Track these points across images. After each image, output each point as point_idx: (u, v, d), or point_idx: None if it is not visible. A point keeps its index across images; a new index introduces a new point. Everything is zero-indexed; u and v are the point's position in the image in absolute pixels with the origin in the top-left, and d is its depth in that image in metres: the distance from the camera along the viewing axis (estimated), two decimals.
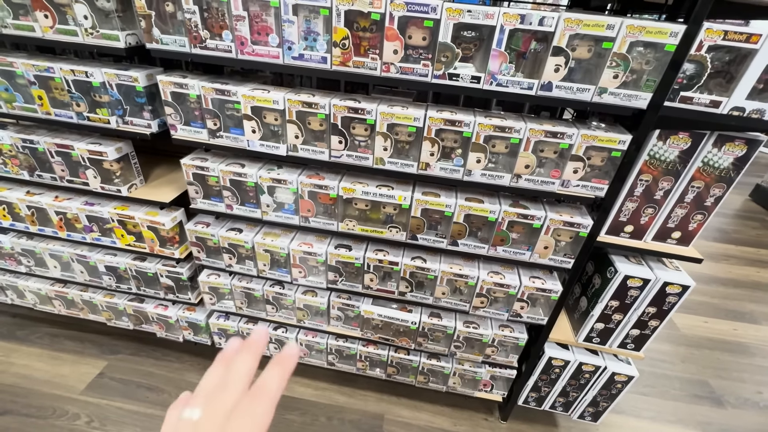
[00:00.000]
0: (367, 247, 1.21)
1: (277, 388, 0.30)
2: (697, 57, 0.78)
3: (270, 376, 0.31)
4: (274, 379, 0.31)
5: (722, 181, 0.96)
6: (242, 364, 0.31)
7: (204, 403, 0.29)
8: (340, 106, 0.94)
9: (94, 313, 1.62)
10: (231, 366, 0.31)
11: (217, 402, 0.29)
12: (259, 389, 0.30)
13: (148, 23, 0.92)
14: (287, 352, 0.32)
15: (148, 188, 1.28)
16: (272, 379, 0.31)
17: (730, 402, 1.71)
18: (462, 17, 0.80)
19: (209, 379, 0.31)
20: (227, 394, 0.29)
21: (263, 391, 0.30)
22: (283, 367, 0.31)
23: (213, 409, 0.29)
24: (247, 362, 0.31)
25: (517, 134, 0.91)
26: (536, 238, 1.05)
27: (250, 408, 0.29)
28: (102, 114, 1.09)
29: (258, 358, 0.32)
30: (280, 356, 0.32)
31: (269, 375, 0.31)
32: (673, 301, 1.10)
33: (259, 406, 0.29)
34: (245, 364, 0.31)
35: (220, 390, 0.30)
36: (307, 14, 0.87)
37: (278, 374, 0.31)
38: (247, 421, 0.28)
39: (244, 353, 0.32)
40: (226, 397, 0.29)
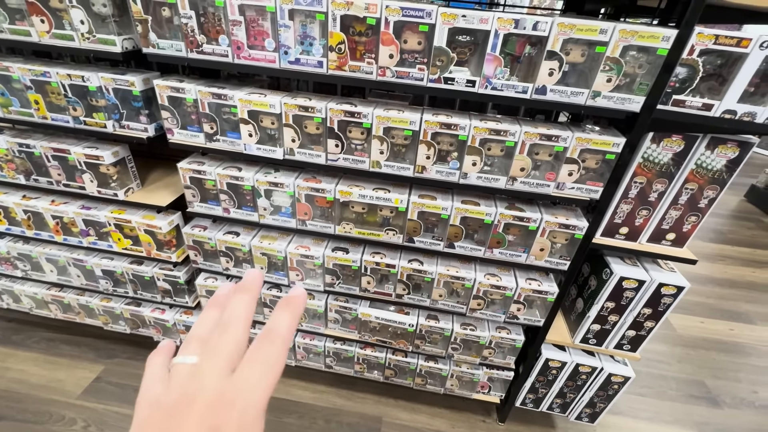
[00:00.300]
0: (364, 250, 1.22)
1: (288, 330, 0.27)
2: (689, 61, 0.79)
3: (279, 318, 0.27)
4: (284, 320, 0.27)
5: (715, 183, 0.97)
6: (239, 305, 0.27)
7: (200, 348, 0.25)
8: (336, 110, 0.95)
9: (90, 318, 1.61)
10: (227, 308, 0.27)
11: (217, 346, 0.25)
12: (268, 331, 0.26)
13: (144, 28, 0.93)
14: (295, 293, 0.29)
15: (144, 192, 1.28)
16: (282, 320, 0.27)
17: (726, 402, 1.72)
18: (457, 22, 0.80)
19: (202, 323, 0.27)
20: (227, 337, 0.25)
21: (274, 333, 0.26)
22: (292, 308, 0.28)
23: (213, 353, 0.25)
24: (243, 303, 0.27)
25: (512, 137, 0.91)
26: (532, 240, 1.06)
27: (261, 351, 0.25)
28: (99, 118, 1.09)
29: (255, 299, 0.28)
30: (287, 298, 0.28)
31: (278, 317, 0.27)
32: (668, 302, 1.11)
33: (270, 349, 0.25)
34: (242, 305, 0.27)
35: (217, 333, 0.26)
36: (303, 19, 0.88)
37: (288, 316, 0.27)
38: (258, 366, 0.24)
39: (240, 294, 0.28)
40: (226, 340, 0.25)
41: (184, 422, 0.22)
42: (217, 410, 0.22)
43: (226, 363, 0.24)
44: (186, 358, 0.25)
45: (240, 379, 0.23)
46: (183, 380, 0.24)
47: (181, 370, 0.24)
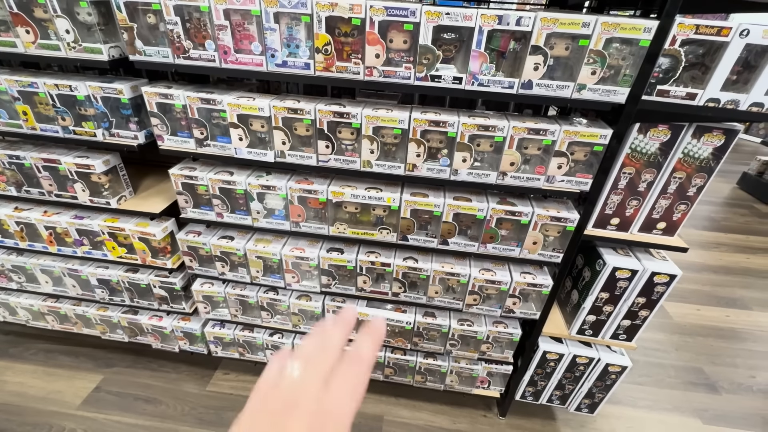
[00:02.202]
0: (359, 250, 1.22)
1: (371, 355, 0.31)
2: (672, 51, 0.80)
3: (363, 345, 0.32)
4: (367, 347, 0.32)
5: (703, 171, 0.98)
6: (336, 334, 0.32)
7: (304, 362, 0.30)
8: (325, 111, 0.95)
9: (88, 327, 1.61)
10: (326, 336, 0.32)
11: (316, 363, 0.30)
12: (355, 355, 0.31)
13: (130, 35, 0.93)
14: (376, 325, 0.33)
15: (137, 199, 1.28)
16: (366, 347, 0.32)
17: (724, 387, 1.74)
18: (441, 20, 0.81)
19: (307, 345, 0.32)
20: (325, 357, 0.30)
21: (359, 357, 0.31)
22: (373, 337, 0.32)
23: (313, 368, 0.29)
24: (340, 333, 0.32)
25: (501, 132, 0.92)
26: (525, 234, 1.07)
27: (349, 371, 0.30)
28: (88, 127, 1.09)
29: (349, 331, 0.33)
30: (369, 328, 0.33)
31: (363, 343, 0.32)
32: (661, 291, 1.12)
33: (356, 369, 0.30)
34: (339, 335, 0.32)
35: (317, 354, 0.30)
36: (289, 21, 0.88)
37: (371, 343, 0.32)
38: (347, 383, 0.29)
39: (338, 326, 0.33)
40: (324, 360, 0.30)
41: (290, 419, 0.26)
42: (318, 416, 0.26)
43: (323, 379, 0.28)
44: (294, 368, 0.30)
45: (334, 393, 0.28)
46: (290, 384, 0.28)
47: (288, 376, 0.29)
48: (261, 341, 1.48)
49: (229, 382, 1.63)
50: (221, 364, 1.69)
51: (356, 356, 0.31)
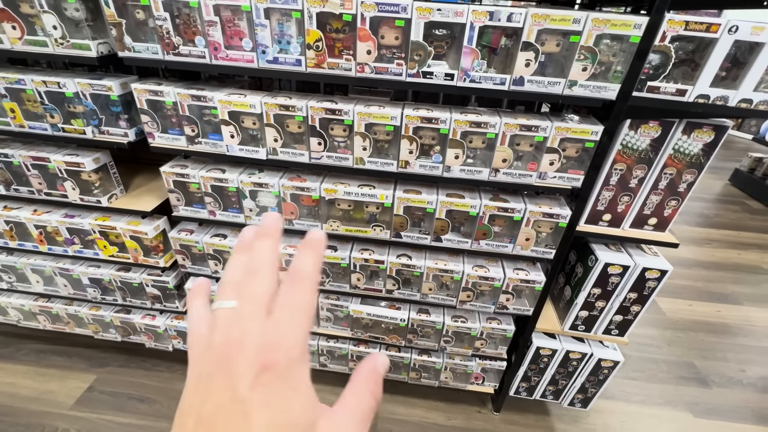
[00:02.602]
0: (352, 247, 1.22)
1: (314, 271, 0.27)
2: (662, 47, 0.81)
3: (304, 260, 0.27)
4: (308, 261, 0.27)
5: (693, 167, 0.99)
6: (265, 249, 0.28)
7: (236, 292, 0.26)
8: (317, 108, 0.95)
9: (80, 327, 1.60)
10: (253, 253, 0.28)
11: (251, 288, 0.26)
12: (296, 273, 0.27)
13: (119, 31, 0.92)
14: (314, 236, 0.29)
15: (128, 198, 1.26)
16: (307, 262, 0.27)
17: (715, 381, 1.76)
18: (432, 16, 0.81)
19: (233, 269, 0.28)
20: (259, 280, 0.26)
21: (302, 275, 0.26)
22: (314, 249, 0.28)
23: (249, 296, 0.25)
24: (268, 246, 0.28)
25: (493, 129, 0.92)
26: (517, 231, 1.07)
27: (293, 292, 0.26)
28: (77, 125, 1.07)
29: (279, 241, 0.29)
30: (306, 241, 0.28)
31: (302, 259, 0.27)
32: (652, 286, 1.13)
33: (301, 290, 0.26)
34: (268, 248, 0.28)
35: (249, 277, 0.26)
36: (280, 17, 0.87)
37: (312, 257, 0.27)
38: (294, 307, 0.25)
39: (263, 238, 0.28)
40: (259, 283, 0.26)
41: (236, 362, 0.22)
42: (265, 350, 0.22)
43: (263, 306, 0.24)
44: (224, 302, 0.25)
45: (279, 321, 0.24)
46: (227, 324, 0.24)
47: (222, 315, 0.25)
48: None
49: None
50: None
51: (297, 274, 0.26)
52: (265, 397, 0.21)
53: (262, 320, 0.24)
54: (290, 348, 0.23)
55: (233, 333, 0.23)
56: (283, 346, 0.23)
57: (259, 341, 0.23)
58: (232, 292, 0.26)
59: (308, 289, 0.26)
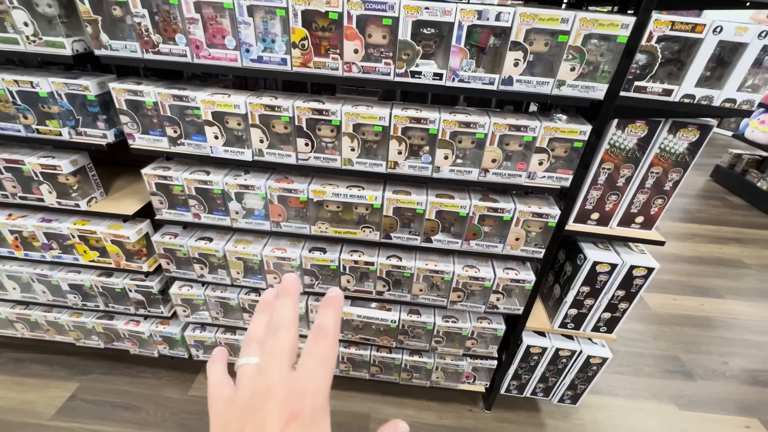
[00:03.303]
0: (341, 249, 1.20)
1: (335, 327, 0.29)
2: (648, 47, 0.81)
3: (325, 317, 0.29)
4: (329, 318, 0.29)
5: (679, 166, 1.00)
6: (285, 308, 0.29)
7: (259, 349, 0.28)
8: (303, 108, 0.93)
9: (60, 334, 1.55)
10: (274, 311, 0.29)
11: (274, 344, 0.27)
12: (318, 329, 0.28)
13: (95, 28, 0.88)
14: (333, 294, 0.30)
15: (109, 201, 1.22)
16: (328, 318, 0.29)
17: (699, 374, 1.80)
18: (420, 14, 0.79)
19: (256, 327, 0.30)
20: (282, 336, 0.27)
21: (323, 331, 0.28)
22: (334, 307, 0.30)
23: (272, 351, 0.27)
24: (289, 305, 0.30)
25: (482, 129, 0.91)
26: (507, 231, 1.07)
27: (317, 347, 0.27)
28: (53, 126, 1.03)
29: (297, 301, 0.30)
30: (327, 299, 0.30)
31: (324, 316, 0.29)
32: (639, 284, 1.14)
33: (324, 344, 0.27)
34: (288, 308, 0.29)
35: (271, 334, 0.28)
36: (263, 15, 0.85)
37: (332, 314, 0.29)
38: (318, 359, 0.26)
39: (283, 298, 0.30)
40: (282, 339, 0.27)
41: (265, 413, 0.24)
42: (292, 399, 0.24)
43: (287, 361, 0.26)
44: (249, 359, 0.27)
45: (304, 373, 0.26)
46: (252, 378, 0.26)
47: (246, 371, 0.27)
48: None
49: None
50: (203, 368, 1.65)
51: (319, 329, 0.28)
52: None
53: (287, 372, 0.26)
54: (315, 396, 0.25)
55: (259, 386, 0.25)
56: (308, 394, 0.25)
57: (286, 391, 0.25)
58: (256, 349, 0.28)
59: (330, 344, 0.28)
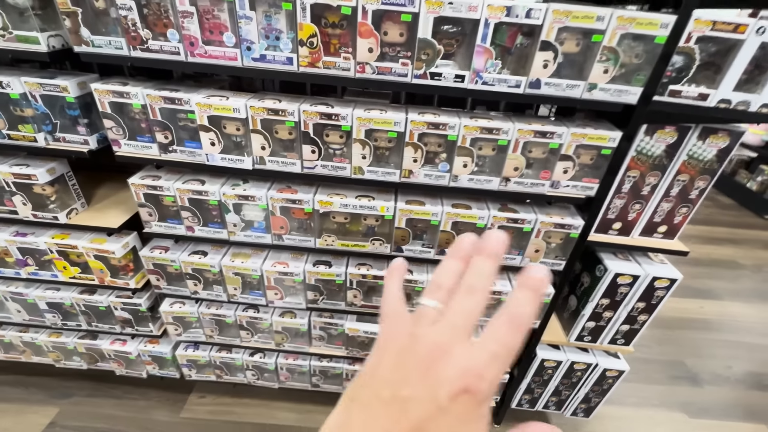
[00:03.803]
0: (348, 262, 1.12)
1: (530, 316, 0.25)
2: (686, 49, 0.75)
3: (523, 302, 0.25)
4: (527, 306, 0.25)
5: (706, 173, 0.95)
6: (487, 269, 0.26)
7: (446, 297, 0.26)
8: (311, 113, 0.84)
9: (38, 355, 1.42)
10: (472, 268, 0.26)
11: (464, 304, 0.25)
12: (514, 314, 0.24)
13: (74, 22, 0.78)
14: (536, 274, 0.26)
15: (91, 212, 1.11)
16: (526, 305, 0.25)
17: (705, 380, 1.78)
18: (443, 10, 0.72)
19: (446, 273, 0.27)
20: (475, 300, 0.25)
21: (519, 319, 0.24)
22: (535, 291, 0.25)
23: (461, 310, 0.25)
24: (489, 269, 0.26)
25: (505, 135, 0.85)
26: (526, 242, 1.00)
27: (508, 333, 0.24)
28: (26, 131, 0.92)
29: (498, 265, 0.27)
30: (527, 278, 0.25)
31: (522, 300, 0.25)
32: (661, 295, 1.09)
33: (515, 334, 0.24)
34: (488, 271, 0.26)
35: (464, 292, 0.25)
36: (267, 9, 0.76)
37: (531, 299, 0.25)
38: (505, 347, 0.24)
39: (487, 259, 0.27)
40: (474, 302, 0.25)
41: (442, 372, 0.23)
42: (471, 375, 0.22)
43: (471, 325, 0.24)
44: (432, 302, 0.26)
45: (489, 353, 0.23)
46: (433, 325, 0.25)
47: (429, 313, 0.25)
48: (240, 362, 1.35)
49: (205, 406, 1.49)
50: (196, 387, 1.55)
51: (515, 316, 0.24)
52: (459, 414, 0.22)
53: (469, 342, 0.24)
54: (491, 383, 0.23)
55: (441, 339, 0.24)
56: (486, 378, 0.23)
57: (467, 364, 0.23)
58: (444, 296, 0.26)
59: (520, 335, 0.24)
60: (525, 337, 0.26)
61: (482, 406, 0.22)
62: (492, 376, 0.23)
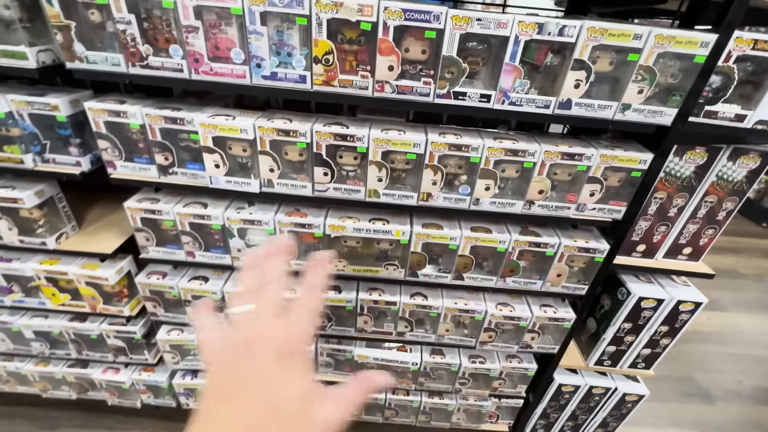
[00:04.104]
0: (359, 287, 1.06)
1: (322, 285, 0.32)
2: (725, 68, 0.71)
3: (313, 276, 0.32)
4: (317, 277, 0.32)
5: (735, 195, 0.91)
6: (275, 266, 0.32)
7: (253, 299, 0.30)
8: (324, 133, 0.79)
9: (23, 385, 1.33)
10: (263, 269, 0.32)
11: (267, 296, 0.30)
12: (308, 285, 0.31)
13: (67, 37, 0.71)
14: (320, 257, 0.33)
15: (83, 236, 1.04)
16: (316, 277, 0.32)
17: (717, 396, 1.75)
18: (470, 27, 0.67)
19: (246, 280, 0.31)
20: (274, 290, 0.30)
21: (312, 286, 0.31)
22: (321, 267, 0.33)
23: (266, 302, 0.29)
24: (279, 264, 0.32)
25: (531, 158, 0.80)
26: (548, 266, 0.96)
27: (305, 299, 0.30)
28: (12, 152, 0.85)
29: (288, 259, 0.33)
30: (315, 260, 0.33)
31: (312, 275, 0.32)
32: (685, 319, 1.05)
33: (312, 298, 0.31)
34: (278, 266, 0.32)
35: (263, 288, 0.30)
36: (279, 24, 0.71)
37: (320, 273, 0.32)
38: (306, 310, 0.30)
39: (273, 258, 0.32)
40: (274, 293, 0.30)
41: (260, 348, 0.27)
42: (285, 342, 0.27)
43: (277, 310, 0.29)
44: (242, 308, 0.29)
45: (293, 322, 0.29)
46: (247, 323, 0.29)
47: (240, 317, 0.29)
48: None
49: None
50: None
51: (308, 286, 0.31)
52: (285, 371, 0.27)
53: (279, 320, 0.29)
54: (303, 341, 0.28)
55: (255, 329, 0.28)
56: (297, 338, 0.28)
57: (277, 334, 0.28)
58: (250, 299, 0.30)
59: (317, 298, 0.31)
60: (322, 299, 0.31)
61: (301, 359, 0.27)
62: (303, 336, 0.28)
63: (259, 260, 0.32)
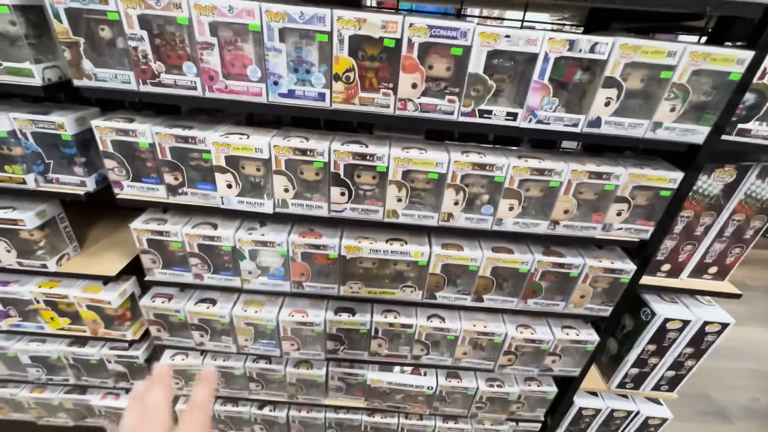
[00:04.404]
0: (373, 309, 1.02)
1: (206, 399, 0.34)
2: (759, 86, 0.69)
3: (197, 392, 0.34)
4: (201, 393, 0.34)
5: (763, 213, 0.88)
6: (156, 396, 0.33)
7: None
8: (342, 152, 0.75)
9: (17, 412, 1.27)
10: (145, 402, 0.33)
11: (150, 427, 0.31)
12: (191, 404, 0.34)
13: (75, 54, 0.68)
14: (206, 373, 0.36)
15: (85, 257, 0.99)
16: (199, 393, 0.34)
17: (735, 414, 1.70)
18: (498, 43, 0.65)
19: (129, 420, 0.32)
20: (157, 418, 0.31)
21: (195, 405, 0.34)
22: (206, 382, 0.36)
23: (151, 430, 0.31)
24: (159, 393, 0.33)
25: (558, 177, 0.77)
26: (571, 287, 0.92)
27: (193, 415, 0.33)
28: (14, 172, 0.81)
29: (168, 388, 0.34)
30: (201, 377, 0.36)
31: (196, 391, 0.34)
32: (711, 340, 1.02)
33: (200, 414, 0.33)
34: (159, 395, 0.33)
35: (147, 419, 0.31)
36: (298, 40, 0.68)
37: (204, 389, 0.35)
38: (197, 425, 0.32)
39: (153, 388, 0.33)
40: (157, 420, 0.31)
41: None
42: None
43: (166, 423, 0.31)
44: None
45: None
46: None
47: None
48: (249, 415, 1.22)
49: None
50: None
51: (193, 405, 0.34)
52: None
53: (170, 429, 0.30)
54: None
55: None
56: None
57: None
58: None
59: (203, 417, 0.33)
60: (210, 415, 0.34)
61: None
62: None
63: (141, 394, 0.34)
